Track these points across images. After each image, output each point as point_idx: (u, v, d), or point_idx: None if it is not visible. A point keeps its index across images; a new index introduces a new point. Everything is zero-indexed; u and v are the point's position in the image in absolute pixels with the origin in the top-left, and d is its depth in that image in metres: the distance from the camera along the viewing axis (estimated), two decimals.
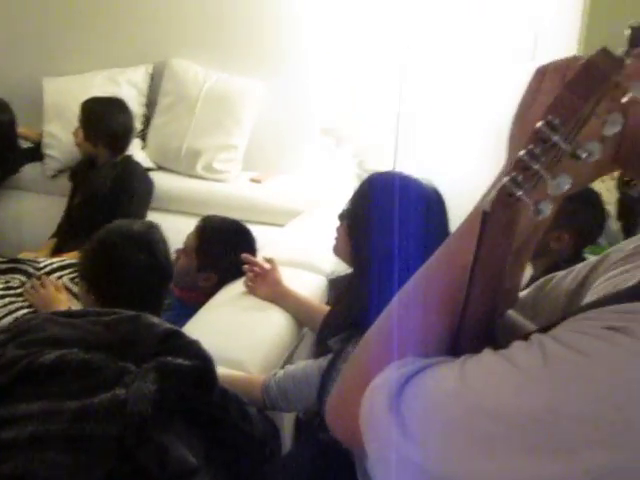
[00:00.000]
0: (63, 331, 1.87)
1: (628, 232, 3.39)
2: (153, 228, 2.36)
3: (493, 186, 0.97)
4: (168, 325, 1.91)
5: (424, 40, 3.86)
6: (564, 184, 0.85)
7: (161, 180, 4.18)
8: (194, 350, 1.86)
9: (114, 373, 1.79)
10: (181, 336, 1.88)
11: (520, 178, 0.86)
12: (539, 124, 0.85)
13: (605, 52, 0.84)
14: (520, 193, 0.86)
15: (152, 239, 2.30)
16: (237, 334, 2.58)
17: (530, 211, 0.86)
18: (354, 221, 2.23)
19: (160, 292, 2.32)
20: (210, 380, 1.89)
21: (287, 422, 2.57)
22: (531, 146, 0.86)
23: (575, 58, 0.96)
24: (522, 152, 0.86)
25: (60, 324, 1.91)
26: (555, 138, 0.84)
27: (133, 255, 2.22)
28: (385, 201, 2.10)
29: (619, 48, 0.85)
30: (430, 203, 2.17)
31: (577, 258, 2.69)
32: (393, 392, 0.93)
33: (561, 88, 0.86)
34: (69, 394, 1.76)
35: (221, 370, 1.96)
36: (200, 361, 1.85)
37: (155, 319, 1.93)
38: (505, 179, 0.87)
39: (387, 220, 2.06)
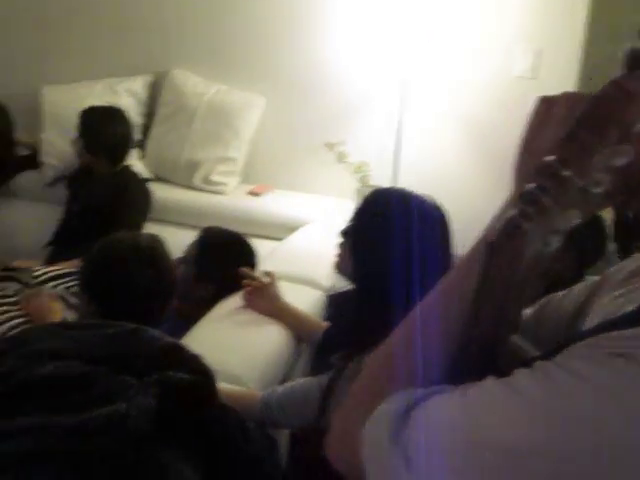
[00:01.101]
0: (63, 343, 1.85)
1: (624, 253, 3.38)
2: (158, 242, 2.34)
3: (498, 217, 0.95)
4: (169, 338, 1.89)
5: (426, 55, 3.86)
6: (573, 218, 0.84)
7: (159, 191, 4.16)
8: (196, 364, 1.84)
9: (114, 387, 1.76)
10: (182, 350, 1.85)
11: (528, 211, 0.85)
12: (550, 159, 0.84)
13: (616, 84, 0.83)
14: (528, 226, 0.85)
15: (158, 254, 2.28)
16: (235, 349, 2.55)
17: (537, 244, 0.85)
18: (358, 238, 2.21)
19: (163, 306, 2.30)
20: (210, 395, 1.86)
21: (282, 438, 2.55)
22: (540, 179, 0.84)
23: (581, 94, 0.94)
24: (530, 185, 0.85)
25: (60, 336, 1.88)
26: (566, 173, 0.83)
27: (139, 270, 2.19)
28: (391, 218, 2.08)
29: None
30: (435, 221, 2.16)
31: (578, 279, 2.68)
32: (395, 423, 0.91)
33: (572, 123, 0.85)
34: (67, 407, 1.73)
35: (220, 385, 1.94)
36: (202, 375, 1.83)
37: (156, 332, 1.90)
38: (512, 211, 0.86)
39: (392, 238, 2.04)
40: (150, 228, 3.85)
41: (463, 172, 4.03)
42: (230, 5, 4.34)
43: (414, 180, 2.82)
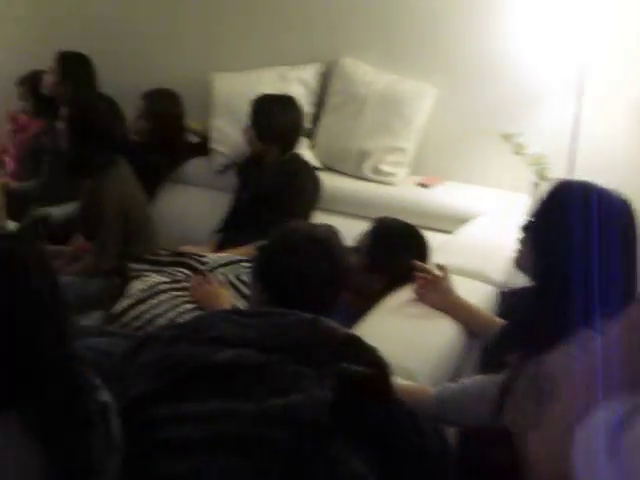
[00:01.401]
0: (237, 330, 1.83)
1: None
2: (334, 234, 2.29)
3: None
4: (347, 330, 1.85)
5: (604, 40, 3.70)
6: None
7: (327, 180, 4.11)
8: (373, 357, 1.80)
9: (289, 377, 1.73)
10: (360, 342, 1.81)
11: None
12: None
13: None
14: None
15: (333, 245, 2.24)
16: (406, 342, 2.50)
17: None
18: (540, 234, 2.10)
19: (335, 297, 2.26)
20: (386, 389, 1.82)
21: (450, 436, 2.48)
22: None
23: None
24: None
25: (234, 323, 1.87)
26: None
27: (315, 261, 2.15)
28: (574, 213, 1.97)
29: None
30: (625, 216, 2.03)
31: None
32: (611, 436, 0.86)
33: None
34: (243, 395, 1.71)
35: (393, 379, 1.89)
36: (377, 369, 1.79)
37: (332, 323, 1.87)
38: None
39: (576, 234, 1.93)
40: (318, 217, 3.83)
41: None
42: None
43: (592, 172, 2.67)
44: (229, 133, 4.43)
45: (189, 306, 3.02)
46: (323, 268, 2.15)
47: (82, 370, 1.70)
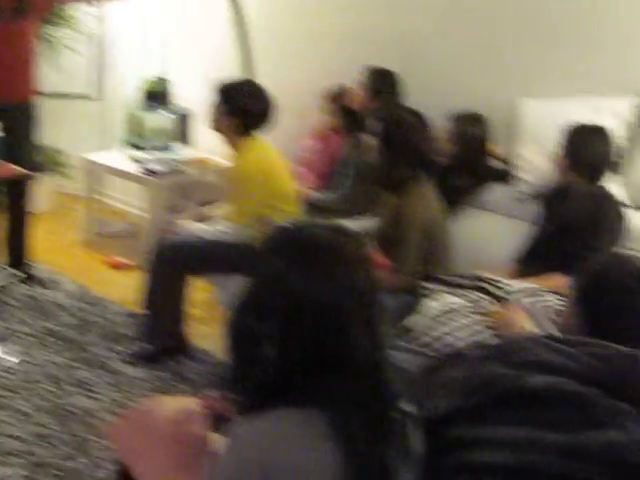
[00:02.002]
0: (554, 357, 1.76)
1: None
2: None
3: None
4: None
5: None
6: None
7: (636, 219, 3.91)
8: None
9: (605, 410, 1.64)
10: None
11: None
12: None
13: None
14: None
15: None
16: None
17: None
18: None
19: None
20: None
21: None
22: None
23: None
24: None
25: (551, 349, 1.79)
26: None
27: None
28: None
29: None
30: None
31: None
32: None
33: None
34: (556, 425, 1.63)
35: None
36: None
37: None
38: None
39: None
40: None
41: None
42: None
43: None
44: (534, 161, 4.33)
45: (481, 328, 2.96)
46: None
47: (389, 377, 1.69)
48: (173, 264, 4.16)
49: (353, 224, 4.38)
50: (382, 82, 4.75)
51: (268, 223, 4.02)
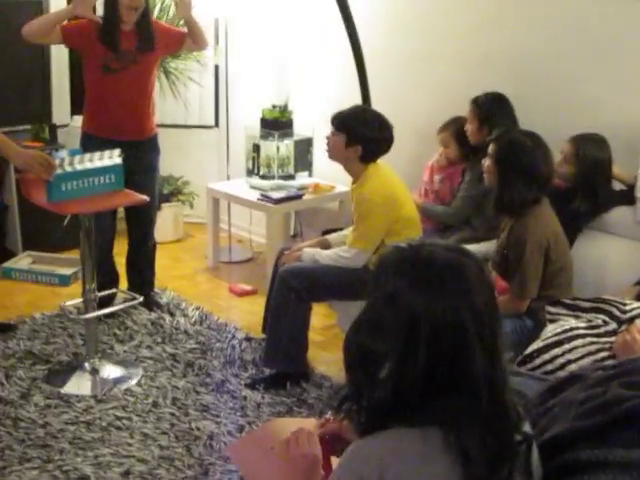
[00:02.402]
0: None
1: None
2: None
3: None
4: None
5: None
6: None
7: None
8: None
9: None
10: None
11: None
12: None
13: None
14: None
15: None
16: None
17: None
18: None
19: None
20: None
21: None
22: None
23: None
24: None
25: None
26: None
27: None
28: None
29: None
30: None
31: None
32: None
33: None
34: None
35: None
36: None
37: None
38: None
39: None
40: None
41: None
42: None
43: None
44: None
45: (606, 354, 2.91)
46: None
47: (509, 399, 1.68)
48: (294, 290, 4.21)
49: (473, 248, 4.38)
50: (496, 106, 4.71)
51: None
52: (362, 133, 4.21)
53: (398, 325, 1.61)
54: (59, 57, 6.24)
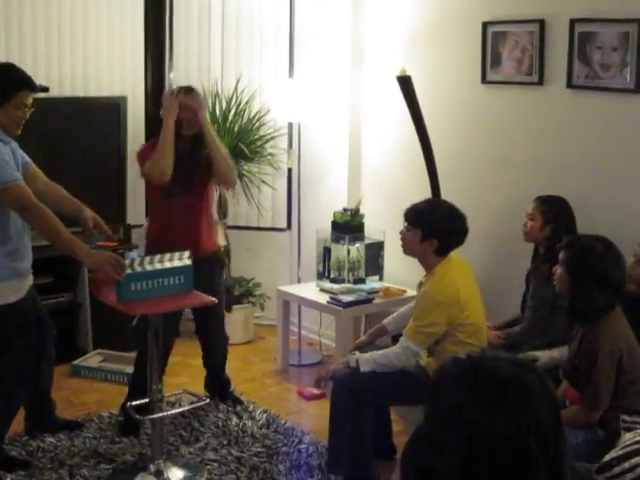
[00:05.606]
0: None
1: None
2: None
3: None
4: None
5: None
6: None
7: None
8: None
9: None
10: None
11: None
12: None
13: None
14: None
15: None
16: None
17: None
18: None
19: None
20: None
21: None
22: None
23: None
24: None
25: None
26: None
27: None
28: None
29: None
30: None
31: None
32: None
33: None
34: None
35: None
36: None
37: None
38: None
39: None
40: None
41: None
42: None
43: None
44: None
45: None
46: None
47: None
48: (355, 394, 4.15)
49: (546, 354, 4.30)
50: (562, 208, 4.66)
51: (445, 353, 3.99)
52: (437, 227, 4.19)
53: (457, 440, 1.56)
54: (134, 158, 6.42)
